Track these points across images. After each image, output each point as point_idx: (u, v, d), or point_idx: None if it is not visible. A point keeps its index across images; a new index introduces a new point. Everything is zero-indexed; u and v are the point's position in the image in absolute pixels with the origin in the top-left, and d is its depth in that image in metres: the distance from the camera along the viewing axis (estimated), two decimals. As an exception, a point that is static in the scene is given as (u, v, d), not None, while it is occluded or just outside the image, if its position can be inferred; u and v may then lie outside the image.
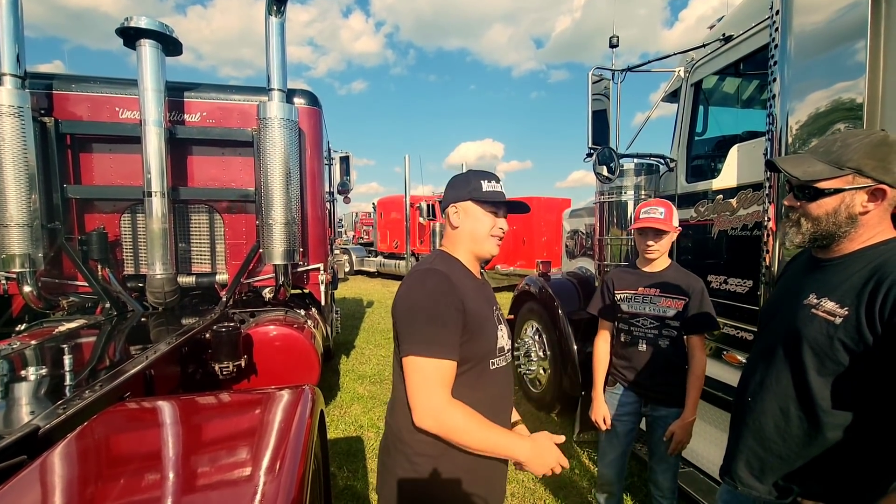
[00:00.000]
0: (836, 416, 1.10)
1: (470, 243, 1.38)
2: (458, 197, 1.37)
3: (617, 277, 2.30)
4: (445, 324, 1.19)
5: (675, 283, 2.13)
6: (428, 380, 1.17)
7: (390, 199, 16.16)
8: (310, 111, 4.61)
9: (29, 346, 2.63)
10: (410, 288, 1.26)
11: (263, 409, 1.74)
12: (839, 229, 1.14)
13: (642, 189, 3.32)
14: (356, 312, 9.67)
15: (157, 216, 3.87)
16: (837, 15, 1.89)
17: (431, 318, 1.19)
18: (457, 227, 1.37)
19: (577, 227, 4.96)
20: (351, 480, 3.17)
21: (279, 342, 3.62)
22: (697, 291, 2.09)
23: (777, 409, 1.22)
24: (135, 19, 3.67)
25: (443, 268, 1.29)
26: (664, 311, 2.12)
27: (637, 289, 2.20)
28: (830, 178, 1.12)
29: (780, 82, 2.11)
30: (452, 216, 1.38)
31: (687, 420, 2.06)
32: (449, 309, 1.20)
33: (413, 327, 1.20)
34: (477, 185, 1.34)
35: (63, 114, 3.94)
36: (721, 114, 3.51)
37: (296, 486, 1.18)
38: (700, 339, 2.12)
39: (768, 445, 1.24)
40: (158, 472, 1.30)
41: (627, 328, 2.22)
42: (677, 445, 2.07)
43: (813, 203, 1.15)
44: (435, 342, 1.18)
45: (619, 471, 2.29)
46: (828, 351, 1.10)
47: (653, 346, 2.15)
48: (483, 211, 1.36)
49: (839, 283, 1.13)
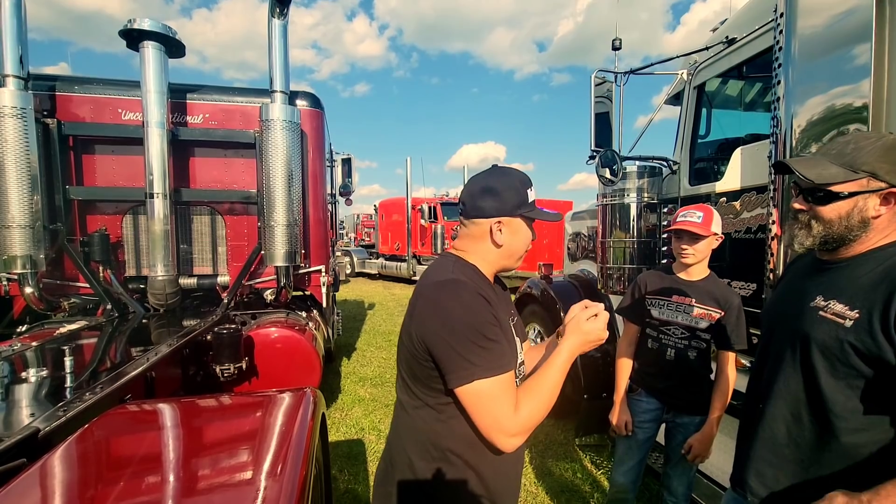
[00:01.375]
0: (850, 420, 1.08)
1: (502, 259, 1.23)
2: (506, 210, 1.17)
3: (651, 281, 2.20)
4: (494, 337, 1.07)
5: (713, 295, 2.03)
6: (496, 400, 1.04)
7: (392, 201, 16.17)
8: (312, 113, 4.62)
9: (30, 347, 2.62)
10: (443, 304, 1.08)
11: (265, 412, 1.73)
12: (850, 233, 1.12)
13: (645, 192, 3.31)
14: (358, 315, 9.65)
15: (159, 218, 3.87)
16: (842, 17, 1.88)
17: (480, 334, 1.05)
18: (501, 246, 1.20)
19: (579, 229, 4.95)
20: (352, 484, 3.16)
21: (280, 344, 3.61)
22: (734, 307, 2.01)
23: (788, 414, 1.20)
24: (138, 21, 3.68)
25: (467, 276, 1.15)
26: (697, 322, 2.04)
27: (671, 296, 2.10)
28: (845, 181, 1.10)
29: (785, 85, 2.10)
30: (496, 233, 1.18)
31: (708, 435, 2.01)
32: (492, 321, 1.08)
33: (464, 347, 1.04)
34: (525, 197, 1.19)
35: (66, 115, 3.95)
36: (724, 116, 3.50)
37: (297, 490, 1.17)
38: (732, 355, 2.04)
39: (780, 452, 1.21)
40: (159, 476, 1.30)
41: (656, 335, 2.14)
42: (695, 458, 2.03)
43: (825, 206, 1.14)
44: (493, 360, 1.05)
45: (634, 479, 2.23)
46: (838, 354, 1.08)
47: (681, 356, 2.07)
48: (527, 226, 1.22)
49: (847, 285, 1.12)
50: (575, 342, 1.14)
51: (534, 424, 1.08)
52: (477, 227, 1.21)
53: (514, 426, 1.05)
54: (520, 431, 1.06)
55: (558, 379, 1.11)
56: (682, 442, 2.08)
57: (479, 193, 1.19)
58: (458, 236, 1.28)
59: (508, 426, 1.05)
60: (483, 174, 1.24)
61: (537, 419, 1.08)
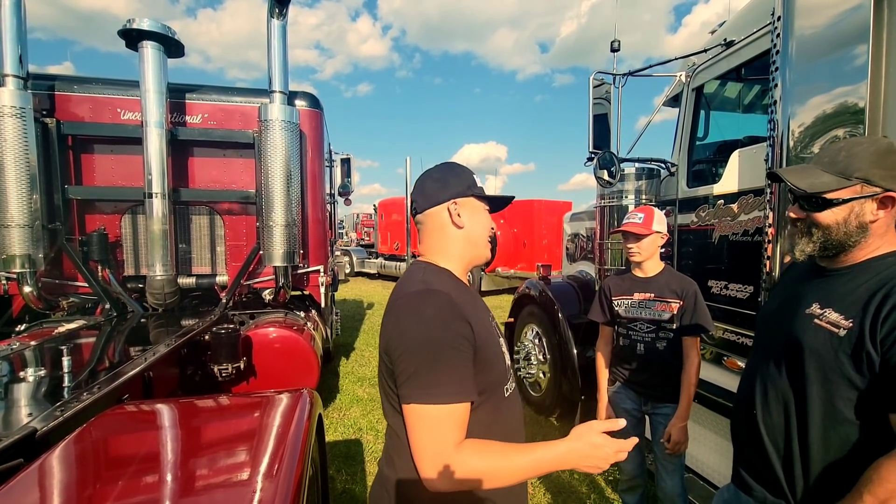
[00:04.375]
0: (841, 428, 1.08)
1: (469, 248, 1.18)
2: (458, 192, 1.16)
3: (613, 284, 2.37)
4: (451, 361, 0.98)
5: (669, 287, 2.19)
6: (432, 430, 0.95)
7: (391, 201, 16.17)
8: (311, 113, 4.62)
9: (28, 346, 2.63)
10: (405, 318, 1.02)
11: (261, 413, 1.74)
12: (850, 238, 1.12)
13: (643, 193, 3.31)
14: (356, 314, 9.66)
15: (158, 217, 3.87)
16: (839, 19, 1.89)
17: (433, 357, 0.97)
18: (461, 227, 1.16)
19: (577, 230, 4.96)
20: (349, 484, 3.16)
21: (279, 344, 3.62)
22: (691, 294, 2.15)
23: (781, 422, 1.19)
24: (137, 21, 3.68)
25: (440, 285, 1.07)
26: (660, 314, 2.19)
27: (633, 294, 2.26)
28: (838, 188, 1.11)
29: (782, 87, 2.11)
30: (454, 215, 1.15)
31: (681, 420, 2.10)
32: (455, 340, 0.98)
33: (411, 369, 0.97)
34: (472, 180, 1.19)
35: (65, 115, 3.95)
36: (722, 118, 3.51)
37: (293, 490, 1.17)
38: (694, 340, 2.16)
39: (773, 456, 1.21)
40: (157, 476, 1.30)
41: (626, 332, 2.29)
42: (675, 446, 2.10)
43: (821, 212, 1.14)
44: (438, 385, 0.96)
45: (639, 463, 2.36)
46: (832, 363, 1.08)
47: (650, 348, 2.21)
48: (483, 208, 1.20)
49: (845, 294, 1.12)
50: (577, 455, 0.98)
51: (465, 481, 0.94)
52: (433, 219, 1.17)
53: (446, 464, 0.94)
54: (449, 476, 0.94)
55: (531, 471, 0.99)
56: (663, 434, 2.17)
57: (429, 185, 1.19)
58: (420, 241, 1.23)
59: (434, 462, 0.94)
60: (426, 171, 1.24)
61: (475, 480, 0.95)
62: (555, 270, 4.88)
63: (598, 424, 1.00)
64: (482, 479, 0.95)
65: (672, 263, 3.04)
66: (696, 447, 2.71)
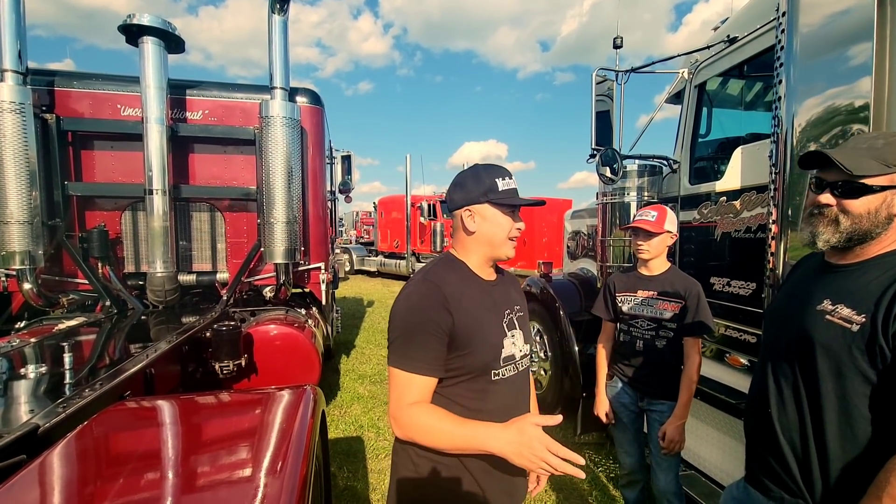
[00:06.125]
0: (856, 424, 1.07)
1: (487, 248, 1.30)
2: (472, 199, 1.26)
3: (618, 280, 2.38)
4: (422, 341, 1.18)
5: (673, 287, 2.19)
6: (397, 389, 1.20)
7: (391, 199, 16.15)
8: (312, 110, 4.60)
9: (28, 343, 2.62)
10: (400, 299, 1.26)
11: (265, 409, 1.73)
12: (875, 229, 1.10)
13: (645, 190, 3.31)
14: (357, 312, 9.66)
15: (158, 214, 3.86)
16: (843, 16, 1.88)
17: (409, 333, 1.20)
18: (473, 233, 1.28)
19: (578, 227, 4.95)
20: (351, 481, 3.16)
21: (280, 341, 3.61)
22: (694, 295, 2.15)
23: (797, 420, 1.18)
24: (137, 16, 3.66)
25: (438, 277, 1.25)
26: (661, 313, 2.20)
27: (636, 291, 2.27)
28: (879, 174, 1.09)
29: (786, 84, 2.10)
30: (467, 220, 1.27)
31: (678, 419, 2.10)
32: (429, 325, 1.18)
33: (393, 338, 1.22)
34: (492, 185, 1.25)
35: (64, 110, 3.92)
36: (724, 115, 3.50)
37: (298, 487, 1.17)
38: (695, 340, 2.16)
39: (790, 455, 1.20)
40: (159, 473, 1.29)
41: (627, 328, 2.31)
42: (670, 444, 2.10)
43: (856, 200, 1.11)
44: (407, 356, 1.19)
45: (638, 458, 2.37)
46: (846, 359, 1.07)
47: (649, 346, 2.23)
48: (501, 213, 1.27)
49: (856, 289, 1.10)
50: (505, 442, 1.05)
51: (410, 430, 1.18)
52: (455, 219, 1.33)
53: (395, 415, 1.20)
54: (398, 422, 1.20)
55: (460, 441, 1.12)
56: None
57: (452, 189, 1.33)
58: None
59: (393, 412, 1.21)
60: (462, 171, 1.35)
61: (416, 432, 1.18)
62: (556, 268, 4.88)
63: (533, 417, 1.08)
64: (424, 433, 1.17)
65: (674, 260, 3.03)
66: (698, 444, 2.71)
